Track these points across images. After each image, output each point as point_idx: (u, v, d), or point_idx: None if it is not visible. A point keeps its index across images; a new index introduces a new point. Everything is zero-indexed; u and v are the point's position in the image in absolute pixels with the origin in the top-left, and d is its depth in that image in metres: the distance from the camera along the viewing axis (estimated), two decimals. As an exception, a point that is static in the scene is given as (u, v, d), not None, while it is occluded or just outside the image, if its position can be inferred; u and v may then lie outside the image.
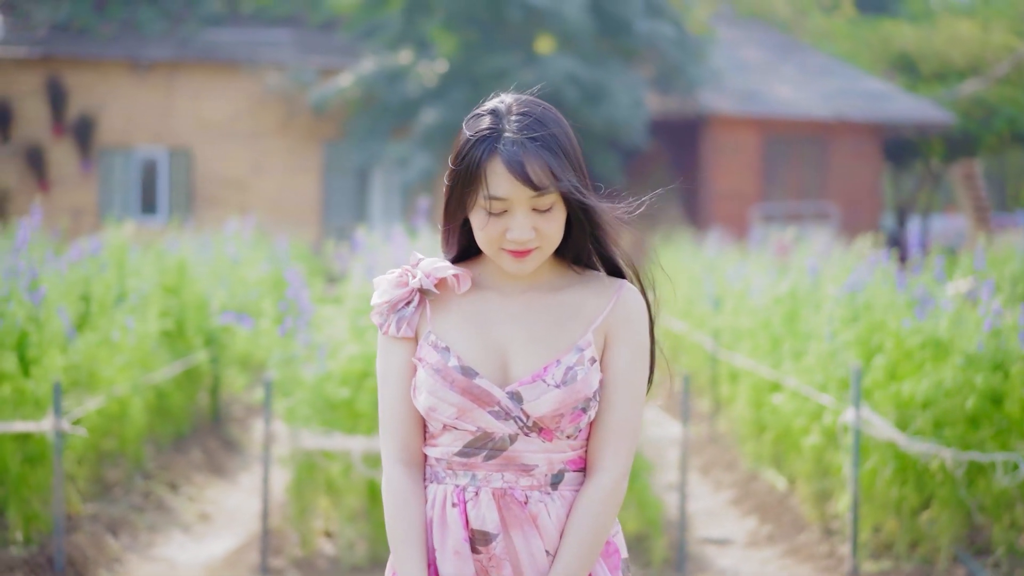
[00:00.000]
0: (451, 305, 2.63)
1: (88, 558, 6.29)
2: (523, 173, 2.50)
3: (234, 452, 9.54)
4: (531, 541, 2.55)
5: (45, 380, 6.45)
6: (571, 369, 2.55)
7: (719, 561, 6.83)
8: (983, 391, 6.11)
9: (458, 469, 2.57)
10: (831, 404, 6.79)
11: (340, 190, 24.70)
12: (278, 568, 6.25)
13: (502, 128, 2.53)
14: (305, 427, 6.20)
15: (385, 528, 6.06)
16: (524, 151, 2.50)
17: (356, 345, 6.32)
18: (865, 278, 7.62)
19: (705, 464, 9.21)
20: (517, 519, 2.55)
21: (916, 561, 6.34)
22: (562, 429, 2.55)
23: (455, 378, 2.55)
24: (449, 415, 2.54)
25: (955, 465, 6.14)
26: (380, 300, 2.63)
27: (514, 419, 2.54)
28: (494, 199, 2.51)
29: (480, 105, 2.60)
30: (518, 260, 2.56)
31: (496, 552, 2.54)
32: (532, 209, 2.52)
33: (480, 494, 2.55)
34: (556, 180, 2.50)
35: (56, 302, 7.08)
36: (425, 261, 2.64)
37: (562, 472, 2.58)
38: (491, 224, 2.53)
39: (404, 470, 2.58)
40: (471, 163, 2.54)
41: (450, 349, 2.57)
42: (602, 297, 2.62)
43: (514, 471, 2.56)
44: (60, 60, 23.85)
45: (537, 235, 2.53)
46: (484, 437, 2.55)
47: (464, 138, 2.57)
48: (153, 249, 10.63)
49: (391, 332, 2.61)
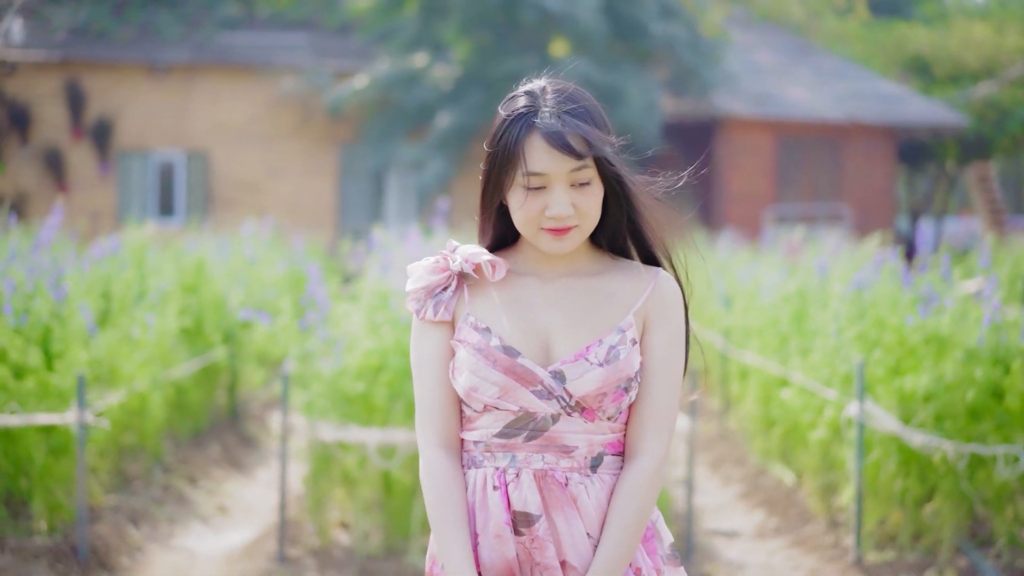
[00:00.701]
0: (489, 290, 2.64)
1: (110, 547, 6.46)
2: (563, 143, 2.51)
3: (251, 448, 9.71)
4: (572, 523, 2.55)
5: (68, 374, 6.62)
6: (613, 348, 2.56)
7: (726, 552, 6.97)
8: (983, 385, 6.24)
9: (497, 451, 2.57)
10: (836, 399, 6.92)
11: (356, 192, 24.86)
12: (295, 557, 6.40)
13: (538, 105, 2.57)
14: (322, 419, 6.36)
15: (399, 517, 6.25)
16: (562, 123, 2.53)
17: (372, 340, 6.47)
18: (871, 276, 7.76)
19: (715, 460, 9.35)
20: (558, 500, 2.55)
21: (919, 552, 6.47)
22: (604, 409, 2.56)
23: (497, 357, 2.55)
24: (491, 395, 2.55)
25: (957, 457, 6.27)
26: (416, 286, 2.64)
27: (556, 398, 2.55)
28: (533, 175, 2.53)
29: (514, 90, 2.63)
30: (557, 239, 2.57)
31: (539, 534, 2.54)
32: (570, 185, 2.55)
33: (521, 475, 2.55)
34: (592, 148, 2.53)
35: (78, 299, 7.25)
36: (462, 247, 2.65)
37: (601, 455, 2.58)
38: (529, 202, 2.55)
39: (443, 454, 2.59)
40: (508, 142, 2.55)
41: (491, 330, 2.59)
42: (639, 283, 2.64)
43: (554, 452, 2.56)
44: (79, 64, 24.06)
45: (576, 212, 2.55)
46: (526, 417, 2.56)
47: (500, 119, 2.59)
48: (172, 249, 10.82)
49: (428, 316, 2.62)
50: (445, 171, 22.25)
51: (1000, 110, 28.03)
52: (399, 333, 6.45)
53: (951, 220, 34.07)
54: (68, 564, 6.12)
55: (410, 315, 6.53)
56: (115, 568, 6.31)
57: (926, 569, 6.24)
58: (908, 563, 6.34)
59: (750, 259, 13.35)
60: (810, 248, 12.29)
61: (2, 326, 6.52)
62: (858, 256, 9.01)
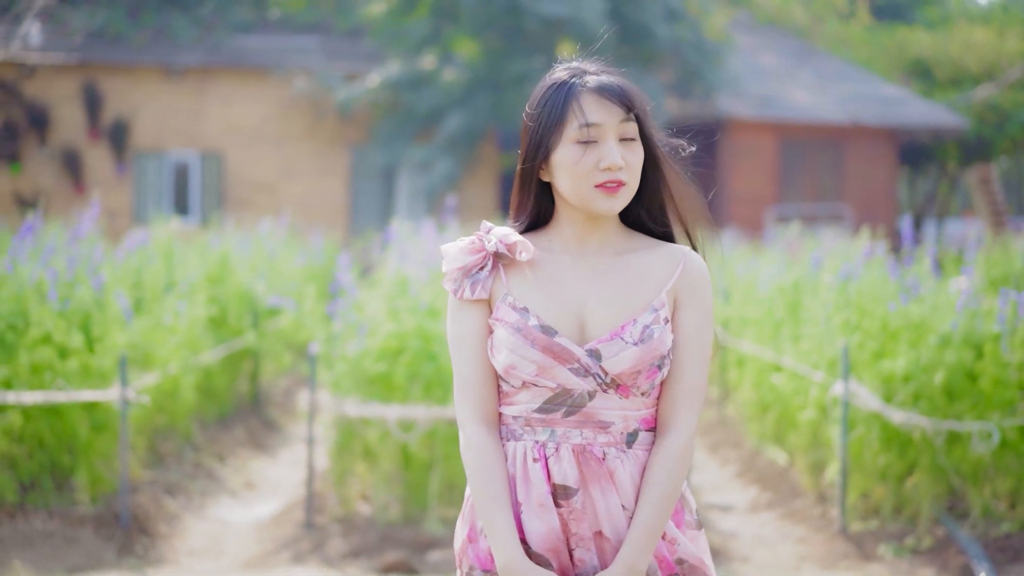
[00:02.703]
0: (524, 269, 2.71)
1: (149, 515, 6.99)
2: (615, 91, 2.67)
3: (273, 431, 10.24)
4: (608, 496, 2.63)
5: (108, 356, 7.14)
6: (647, 328, 2.64)
7: (721, 524, 7.47)
8: (954, 367, 6.74)
9: (537, 426, 2.65)
10: (822, 380, 7.43)
11: (366, 193, 25.32)
12: (321, 524, 6.91)
13: (584, 71, 2.72)
14: (346, 397, 6.88)
15: (417, 489, 6.75)
16: (612, 78, 2.71)
17: (392, 324, 6.98)
18: (859, 268, 8.27)
19: (713, 443, 9.86)
20: (596, 474, 2.63)
21: (901, 522, 6.96)
22: (638, 386, 2.64)
23: (536, 336, 2.63)
24: (529, 372, 2.63)
25: (934, 434, 6.77)
26: (453, 266, 2.70)
27: (593, 376, 2.63)
28: (589, 126, 2.64)
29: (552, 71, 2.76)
30: (610, 195, 2.65)
31: (576, 506, 2.62)
32: (619, 139, 2.67)
33: (560, 450, 2.63)
34: (636, 103, 2.70)
35: (114, 288, 7.78)
36: (496, 228, 2.73)
37: (636, 431, 2.67)
38: (586, 155, 2.64)
39: (484, 429, 2.66)
40: (557, 101, 2.67)
41: (528, 309, 2.65)
42: (670, 262, 2.72)
43: (592, 428, 2.64)
44: (96, 66, 24.54)
45: (625, 167, 2.66)
46: (563, 394, 2.64)
47: (545, 85, 2.72)
48: (196, 244, 11.35)
49: (465, 296, 2.68)
50: (454, 172, 22.69)
51: (1000, 113, 28.46)
52: (417, 318, 6.96)
53: (953, 221, 34.48)
54: (111, 530, 6.64)
55: (428, 301, 7.05)
56: (154, 534, 6.84)
57: (905, 537, 6.73)
58: (889, 532, 6.83)
59: (750, 255, 13.85)
60: (807, 243, 12.79)
61: (47, 311, 7.03)
62: (849, 250, 9.51)
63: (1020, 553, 6.38)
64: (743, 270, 12.17)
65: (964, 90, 29.19)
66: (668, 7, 23.80)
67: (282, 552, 6.57)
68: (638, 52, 23.85)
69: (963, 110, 27.97)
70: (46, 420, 6.90)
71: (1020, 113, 28.24)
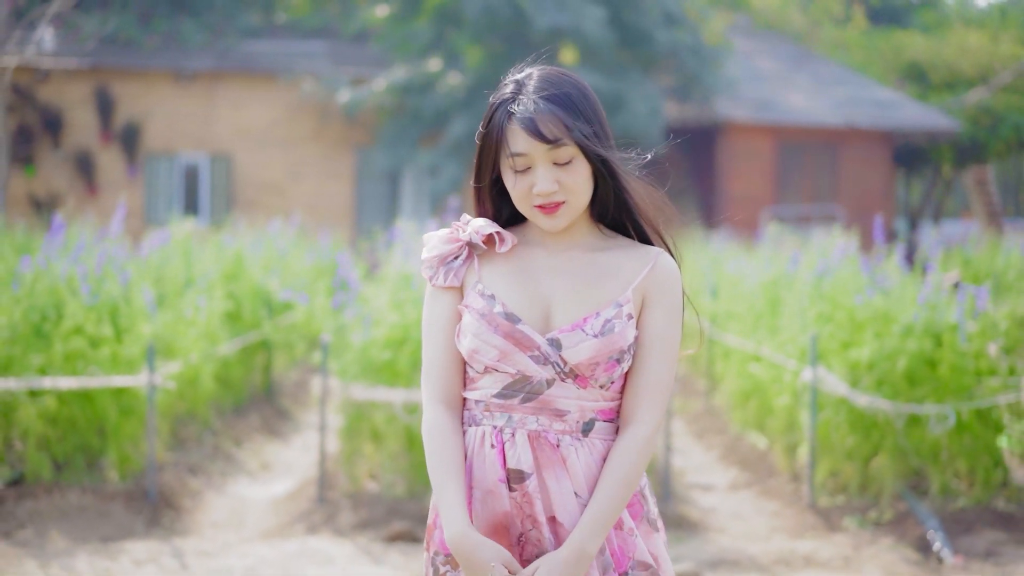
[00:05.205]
0: (498, 260, 2.78)
1: (175, 492, 7.61)
2: (534, 128, 2.65)
3: (286, 419, 10.88)
4: (561, 482, 2.68)
5: (135, 345, 7.75)
6: (609, 321, 2.68)
7: (702, 501, 8.08)
8: (915, 355, 7.35)
9: (495, 411, 2.71)
10: (795, 367, 8.03)
11: (372, 195, 25.81)
12: (332, 499, 7.52)
13: (522, 88, 2.71)
14: (354, 382, 7.49)
15: (421, 467, 7.37)
16: (536, 108, 2.66)
17: (396, 316, 7.59)
18: (835, 264, 8.88)
19: (699, 430, 10.46)
20: (549, 460, 2.68)
21: (866, 499, 7.56)
22: (596, 377, 2.69)
23: (499, 323, 2.69)
24: (491, 357, 2.69)
25: (896, 417, 7.36)
26: (430, 255, 2.79)
27: (552, 364, 2.68)
28: (515, 155, 2.67)
29: (506, 77, 2.78)
30: (549, 215, 2.70)
31: (529, 490, 2.68)
32: (552, 163, 2.67)
33: (516, 435, 2.69)
34: (568, 131, 2.65)
35: (138, 284, 8.39)
36: (474, 220, 2.80)
37: (593, 421, 2.71)
38: (519, 181, 2.69)
39: (444, 410, 2.73)
40: (494, 126, 2.71)
41: (496, 297, 2.72)
42: (640, 261, 2.76)
43: (548, 415, 2.70)
44: (108, 71, 25.01)
45: (561, 188, 2.68)
46: (523, 380, 2.69)
47: (493, 102, 2.74)
48: (211, 243, 11.98)
49: (439, 282, 2.76)
50: (458, 176, 23.13)
51: (993, 115, 28.94)
52: (420, 310, 7.57)
53: (950, 222, 34.96)
54: (140, 504, 7.25)
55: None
56: (180, 509, 7.45)
57: (869, 510, 7.33)
58: (854, 506, 7.44)
59: (739, 253, 14.45)
60: (794, 243, 13.40)
61: (79, 304, 7.64)
62: (826, 247, 10.11)
63: (973, 525, 6.97)
64: (732, 268, 12.77)
65: (958, 93, 29.68)
66: (668, 13, 24.18)
67: (297, 524, 7.18)
68: (638, 57, 24.26)
69: (957, 113, 28.45)
70: (79, 404, 7.51)
71: (1013, 116, 28.74)
